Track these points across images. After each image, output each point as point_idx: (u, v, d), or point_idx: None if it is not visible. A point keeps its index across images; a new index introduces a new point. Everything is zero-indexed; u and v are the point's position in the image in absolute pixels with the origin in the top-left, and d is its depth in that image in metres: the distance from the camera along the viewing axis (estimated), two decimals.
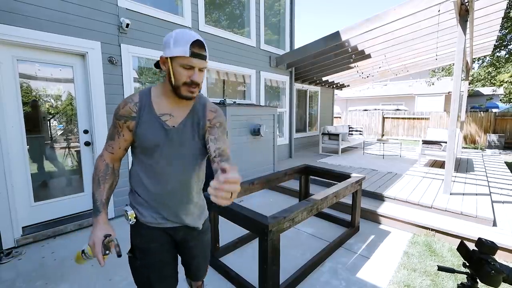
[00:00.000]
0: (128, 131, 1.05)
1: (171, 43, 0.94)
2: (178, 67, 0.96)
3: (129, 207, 1.12)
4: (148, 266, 1.14)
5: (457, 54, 3.41)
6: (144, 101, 1.04)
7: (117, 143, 1.07)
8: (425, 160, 6.12)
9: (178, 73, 0.96)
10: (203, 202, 1.27)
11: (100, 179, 1.05)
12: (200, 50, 0.96)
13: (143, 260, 1.14)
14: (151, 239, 1.13)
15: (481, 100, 16.54)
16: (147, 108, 1.04)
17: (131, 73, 3.57)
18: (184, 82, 0.98)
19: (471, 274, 1.02)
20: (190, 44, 0.93)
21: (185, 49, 0.92)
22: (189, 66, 0.95)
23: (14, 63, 2.75)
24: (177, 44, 0.93)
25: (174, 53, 0.94)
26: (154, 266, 1.15)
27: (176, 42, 0.93)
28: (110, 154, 1.09)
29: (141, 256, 1.13)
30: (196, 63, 0.96)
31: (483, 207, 3.19)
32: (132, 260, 1.16)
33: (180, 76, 0.97)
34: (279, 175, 3.21)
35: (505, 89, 12.85)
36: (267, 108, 5.02)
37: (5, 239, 2.69)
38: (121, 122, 1.03)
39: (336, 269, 2.39)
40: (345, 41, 5.02)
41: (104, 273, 2.32)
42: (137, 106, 1.03)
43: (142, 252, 1.14)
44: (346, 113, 15.60)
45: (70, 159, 3.35)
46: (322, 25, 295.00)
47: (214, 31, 4.66)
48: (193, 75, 0.97)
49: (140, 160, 1.09)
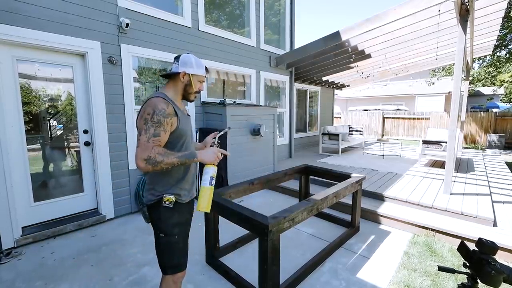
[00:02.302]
0: (170, 126, 1.35)
1: (194, 65, 1.44)
2: (196, 81, 1.48)
3: (166, 194, 1.39)
4: (184, 237, 1.49)
5: (457, 54, 3.41)
6: (171, 102, 1.39)
7: (164, 137, 1.33)
8: (425, 160, 6.12)
9: (195, 85, 1.48)
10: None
11: (168, 151, 1.31)
12: (206, 72, 1.53)
13: (182, 233, 1.46)
14: (188, 211, 1.53)
15: (481, 100, 16.54)
16: (176, 107, 1.41)
17: (131, 73, 3.57)
18: (196, 91, 1.50)
19: (471, 274, 1.02)
20: (205, 67, 1.51)
21: (203, 71, 1.49)
22: (202, 81, 1.52)
23: (13, 63, 2.75)
24: (199, 67, 1.46)
25: (197, 72, 1.46)
26: (186, 235, 1.51)
27: (199, 66, 1.46)
28: (157, 145, 1.31)
29: (180, 230, 1.45)
30: (204, 79, 1.53)
31: (484, 207, 3.19)
32: (168, 239, 1.41)
33: (196, 87, 1.49)
34: (279, 175, 3.20)
35: (506, 89, 12.85)
36: (267, 108, 5.02)
37: (5, 239, 2.69)
38: (169, 119, 1.33)
39: (336, 269, 2.38)
40: (345, 41, 5.02)
41: (104, 273, 2.32)
42: (170, 106, 1.36)
43: (182, 225, 1.47)
44: (346, 113, 15.60)
45: (70, 159, 3.35)
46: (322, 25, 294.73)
47: (214, 31, 4.65)
48: (201, 87, 1.53)
49: (175, 148, 1.40)
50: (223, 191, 2.45)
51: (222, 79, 5.20)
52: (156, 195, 1.40)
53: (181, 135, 1.43)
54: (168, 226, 1.41)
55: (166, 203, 1.38)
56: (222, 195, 2.35)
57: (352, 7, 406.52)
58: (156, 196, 1.40)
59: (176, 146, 1.42)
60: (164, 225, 1.41)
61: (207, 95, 4.71)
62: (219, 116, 4.20)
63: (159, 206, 1.39)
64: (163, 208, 1.39)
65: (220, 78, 5.14)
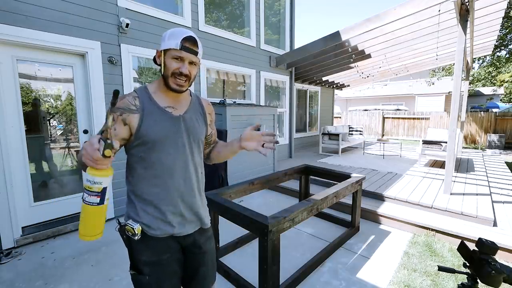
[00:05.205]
0: (123, 125, 0.98)
1: (166, 38, 1.01)
2: (170, 59, 1.00)
3: (131, 221, 1.03)
4: (159, 279, 1.06)
5: (457, 54, 3.41)
6: (143, 95, 1.04)
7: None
8: (425, 160, 6.12)
9: (169, 64, 1.01)
10: (204, 196, 1.24)
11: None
12: (192, 46, 1.01)
13: (155, 274, 1.06)
14: (163, 250, 1.07)
15: (481, 100, 16.54)
16: (148, 101, 1.03)
17: (131, 73, 3.57)
18: (172, 72, 1.01)
19: (471, 274, 1.02)
20: (182, 38, 0.99)
21: (176, 42, 0.98)
22: (179, 57, 1.00)
23: (14, 63, 2.75)
24: (171, 38, 0.99)
25: (167, 46, 0.99)
26: (166, 277, 1.08)
27: (170, 37, 1.00)
28: None
29: (152, 271, 1.05)
30: (185, 55, 1.00)
31: (484, 207, 3.19)
32: (139, 278, 1.06)
33: (170, 67, 1.00)
34: (279, 175, 3.20)
35: (506, 89, 12.85)
36: (267, 108, 5.02)
37: (5, 239, 2.69)
38: (116, 114, 0.96)
39: (336, 269, 2.38)
40: (345, 41, 5.02)
41: (104, 273, 2.32)
42: (136, 99, 1.01)
43: (152, 266, 1.06)
44: (346, 113, 15.59)
45: (69, 159, 3.35)
46: (323, 25, 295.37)
47: (214, 31, 4.65)
48: (182, 67, 1.01)
49: (144, 160, 1.03)
50: (223, 191, 2.45)
51: (222, 79, 5.20)
52: (124, 219, 1.08)
53: (148, 142, 1.00)
54: (137, 262, 1.06)
55: (128, 233, 1.02)
56: (222, 195, 2.35)
57: (352, 8, 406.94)
58: (123, 221, 1.06)
59: (146, 159, 1.02)
60: (132, 259, 1.08)
61: (207, 95, 4.71)
62: (219, 116, 4.20)
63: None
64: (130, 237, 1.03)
65: (220, 78, 5.14)
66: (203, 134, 1.18)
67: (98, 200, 0.80)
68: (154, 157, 1.03)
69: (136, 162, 1.05)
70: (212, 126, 1.28)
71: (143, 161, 1.04)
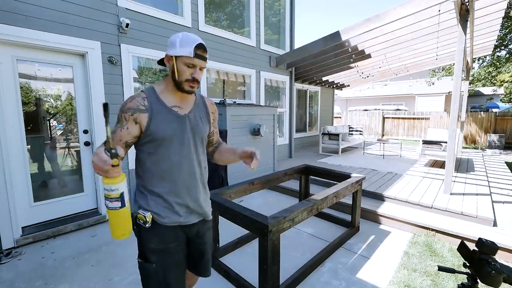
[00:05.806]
0: (134, 124, 1.06)
1: (177, 44, 1.06)
2: (182, 65, 1.08)
3: (142, 210, 1.11)
4: (166, 268, 1.13)
5: (457, 54, 3.41)
6: (151, 96, 1.11)
7: (122, 134, 1.06)
8: (425, 160, 6.12)
9: (182, 71, 1.08)
10: (208, 189, 1.34)
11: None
12: (203, 53, 1.09)
13: (161, 262, 1.13)
14: (170, 238, 1.15)
15: (481, 100, 16.54)
16: (156, 101, 1.10)
17: (131, 73, 3.57)
18: (186, 79, 1.09)
19: (471, 274, 1.02)
20: (194, 46, 1.06)
21: (190, 50, 1.05)
22: (192, 65, 1.08)
23: (14, 63, 2.75)
24: (183, 45, 1.05)
25: (180, 53, 1.06)
26: (172, 266, 1.15)
27: (182, 43, 1.06)
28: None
29: (159, 258, 1.12)
30: (197, 63, 1.09)
31: (484, 207, 3.19)
32: (145, 266, 1.13)
33: (184, 73, 1.08)
34: (279, 175, 3.20)
35: (506, 89, 12.85)
36: (267, 108, 5.02)
37: (5, 239, 2.69)
38: (128, 114, 1.06)
39: (336, 269, 2.38)
40: (345, 41, 5.02)
41: (104, 273, 2.32)
42: (145, 100, 1.08)
43: (159, 254, 1.13)
44: (346, 113, 15.59)
45: (70, 159, 3.35)
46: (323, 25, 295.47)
47: (214, 31, 4.65)
48: (195, 73, 1.09)
49: (153, 156, 1.11)
50: (223, 191, 2.45)
51: (222, 79, 5.20)
52: (135, 208, 1.13)
53: (157, 139, 1.08)
54: (145, 250, 1.14)
55: (140, 221, 1.10)
56: (222, 195, 2.35)
57: (352, 8, 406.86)
58: (134, 210, 1.13)
59: (154, 155, 1.10)
60: (141, 247, 1.16)
61: (207, 95, 4.72)
62: (219, 116, 4.20)
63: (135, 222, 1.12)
64: (141, 226, 1.11)
65: (220, 78, 5.14)
66: (206, 132, 1.26)
67: (120, 204, 0.91)
68: (161, 153, 1.11)
69: (145, 157, 1.13)
70: (214, 124, 1.36)
71: (152, 156, 1.12)
